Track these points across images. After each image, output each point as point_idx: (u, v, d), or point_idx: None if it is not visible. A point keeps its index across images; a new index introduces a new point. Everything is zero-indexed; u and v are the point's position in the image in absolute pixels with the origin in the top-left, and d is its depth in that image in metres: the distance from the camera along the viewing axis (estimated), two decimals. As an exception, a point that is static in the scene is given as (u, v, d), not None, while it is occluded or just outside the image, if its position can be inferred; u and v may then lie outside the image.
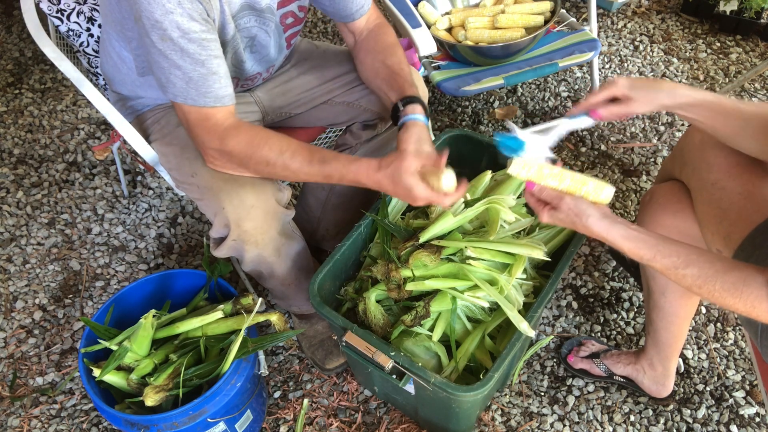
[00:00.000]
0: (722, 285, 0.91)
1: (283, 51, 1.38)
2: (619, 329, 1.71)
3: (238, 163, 1.19)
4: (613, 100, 1.13)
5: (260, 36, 1.27)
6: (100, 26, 1.51)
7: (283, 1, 1.26)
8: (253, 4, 1.19)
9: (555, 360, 1.66)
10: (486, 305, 1.26)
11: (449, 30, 2.03)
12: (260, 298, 1.40)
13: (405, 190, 1.09)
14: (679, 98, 1.07)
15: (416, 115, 1.24)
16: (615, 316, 1.74)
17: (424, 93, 1.53)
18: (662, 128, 2.24)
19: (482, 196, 1.36)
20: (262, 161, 1.16)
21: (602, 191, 1.05)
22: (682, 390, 1.59)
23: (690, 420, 1.53)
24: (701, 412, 1.54)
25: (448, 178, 1.10)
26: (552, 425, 1.54)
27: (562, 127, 1.15)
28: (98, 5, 1.51)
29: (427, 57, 1.98)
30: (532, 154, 1.10)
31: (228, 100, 1.16)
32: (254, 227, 1.27)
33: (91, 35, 1.52)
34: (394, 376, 1.17)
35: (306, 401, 1.59)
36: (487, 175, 1.41)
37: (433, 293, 1.28)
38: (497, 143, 1.11)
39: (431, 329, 1.29)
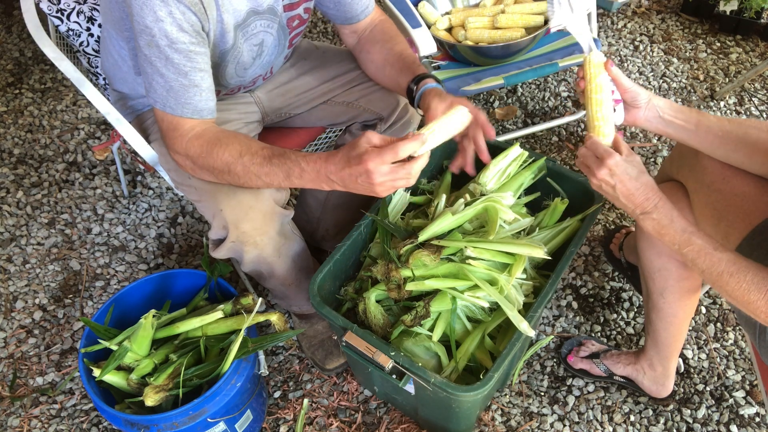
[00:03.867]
0: (752, 278, 0.92)
1: (285, 52, 1.38)
2: (619, 329, 1.71)
3: (206, 169, 1.17)
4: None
5: (267, 40, 1.27)
6: (100, 26, 1.52)
7: (291, 5, 1.26)
8: (256, 8, 1.19)
9: (555, 360, 1.66)
10: (486, 305, 1.26)
11: (449, 30, 2.03)
12: (260, 298, 1.40)
13: (358, 163, 1.02)
14: (656, 98, 1.13)
15: (429, 84, 1.27)
16: (615, 316, 1.74)
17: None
18: (662, 128, 2.24)
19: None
20: (224, 166, 1.14)
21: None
22: (682, 390, 1.59)
23: (690, 420, 1.53)
24: (701, 412, 1.54)
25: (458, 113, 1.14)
26: (552, 425, 1.54)
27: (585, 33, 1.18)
28: (98, 4, 1.51)
29: (427, 57, 1.98)
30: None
31: (207, 113, 1.16)
32: (253, 228, 1.26)
33: (91, 35, 1.52)
34: (394, 376, 1.17)
35: (306, 401, 1.59)
36: (561, 205, 1.41)
37: (433, 293, 1.28)
38: None
39: (431, 329, 1.29)
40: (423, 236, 1.28)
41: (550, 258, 1.29)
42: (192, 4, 1.04)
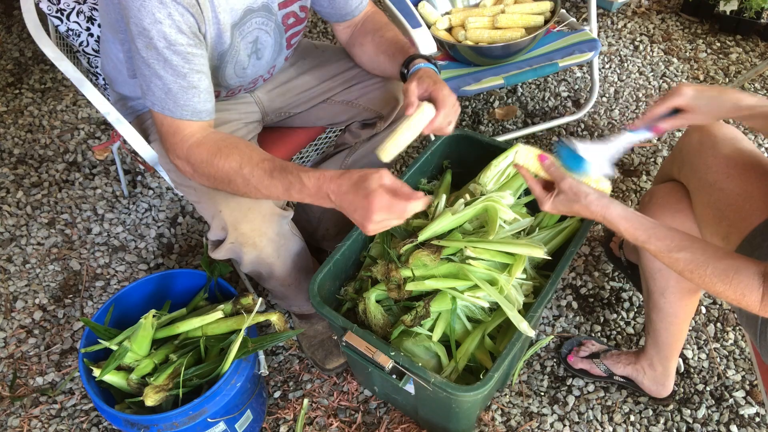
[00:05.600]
0: (713, 270, 0.92)
1: (284, 51, 1.38)
2: (619, 329, 1.71)
3: (206, 177, 1.16)
4: (675, 110, 1.12)
5: (262, 37, 1.26)
6: (99, 26, 1.51)
7: (285, 2, 1.26)
8: (251, 6, 1.19)
9: (555, 360, 1.66)
10: (486, 305, 1.26)
11: (449, 30, 2.03)
12: (260, 298, 1.40)
13: (364, 197, 1.01)
14: (742, 110, 1.06)
15: (417, 65, 1.25)
16: (615, 316, 1.74)
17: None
18: (662, 128, 2.24)
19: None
20: (225, 177, 1.13)
21: (599, 182, 1.11)
22: (682, 390, 1.59)
23: (690, 420, 1.53)
24: (701, 412, 1.54)
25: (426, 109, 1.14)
26: (552, 425, 1.54)
27: (622, 141, 1.13)
28: (98, 5, 1.51)
29: (427, 57, 1.97)
30: (595, 172, 1.10)
31: (205, 115, 1.15)
32: (252, 229, 1.26)
33: (91, 35, 1.52)
34: (394, 376, 1.17)
35: (306, 401, 1.59)
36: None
37: (433, 293, 1.28)
38: (558, 156, 1.11)
39: (431, 329, 1.29)
40: (423, 236, 1.28)
41: (550, 258, 1.29)
42: (189, 6, 1.04)
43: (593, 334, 1.71)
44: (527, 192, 1.47)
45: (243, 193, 1.15)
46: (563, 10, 2.09)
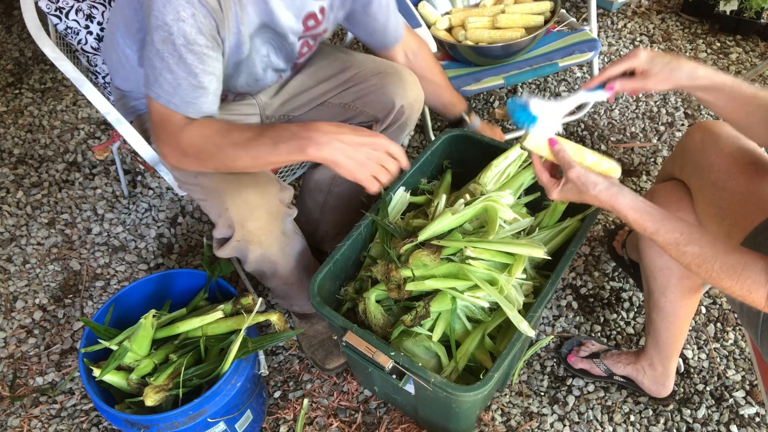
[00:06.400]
0: (721, 266, 0.92)
1: (288, 72, 1.42)
2: (619, 329, 1.71)
3: (194, 156, 1.16)
4: (630, 73, 1.10)
5: (272, 56, 1.29)
6: (99, 24, 1.52)
7: (305, 36, 1.29)
8: (269, 23, 1.19)
9: (555, 360, 1.66)
10: (486, 305, 1.26)
11: (449, 30, 2.03)
12: (260, 298, 1.40)
13: (377, 138, 1.13)
14: (697, 80, 1.05)
15: (474, 122, 1.64)
16: (615, 316, 1.74)
17: (421, 93, 1.53)
18: (662, 128, 2.24)
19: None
20: (213, 146, 1.13)
21: (612, 169, 1.10)
22: (682, 390, 1.58)
23: (690, 420, 1.53)
24: (701, 412, 1.54)
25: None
26: (552, 425, 1.54)
27: (576, 99, 1.13)
28: (96, 3, 1.51)
29: (427, 57, 1.97)
30: (543, 129, 1.08)
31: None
32: (258, 227, 1.27)
33: (90, 33, 1.52)
34: (394, 376, 1.17)
35: (306, 401, 1.59)
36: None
37: (433, 293, 1.28)
38: (510, 111, 1.09)
39: (431, 329, 1.29)
40: (423, 236, 1.28)
41: (550, 258, 1.29)
42: (214, 11, 1.05)
43: (593, 334, 1.71)
44: (527, 192, 1.47)
45: (232, 160, 1.14)
46: (563, 10, 2.09)
